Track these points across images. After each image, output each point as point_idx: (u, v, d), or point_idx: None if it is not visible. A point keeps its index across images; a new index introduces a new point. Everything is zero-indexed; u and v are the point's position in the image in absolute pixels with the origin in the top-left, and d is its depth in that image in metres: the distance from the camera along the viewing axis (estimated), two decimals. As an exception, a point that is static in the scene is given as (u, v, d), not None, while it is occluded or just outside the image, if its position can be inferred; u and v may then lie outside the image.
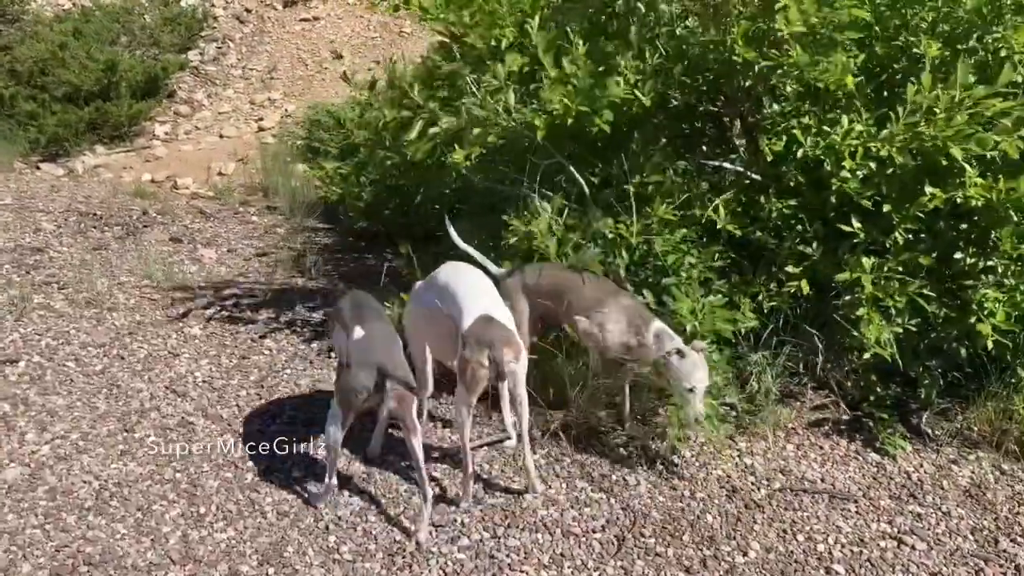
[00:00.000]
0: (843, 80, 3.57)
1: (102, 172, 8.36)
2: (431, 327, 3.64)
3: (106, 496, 3.57)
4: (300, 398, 4.24)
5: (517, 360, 3.31)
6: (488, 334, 3.27)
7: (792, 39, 3.53)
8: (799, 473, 3.62)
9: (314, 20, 10.46)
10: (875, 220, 3.74)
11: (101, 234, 6.36)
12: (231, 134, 9.00)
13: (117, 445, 3.88)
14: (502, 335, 3.29)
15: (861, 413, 3.89)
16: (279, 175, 7.49)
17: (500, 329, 3.31)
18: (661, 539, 3.28)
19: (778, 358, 3.89)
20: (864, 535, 3.27)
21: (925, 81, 3.34)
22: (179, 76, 10.00)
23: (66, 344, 4.71)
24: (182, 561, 3.22)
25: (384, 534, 3.32)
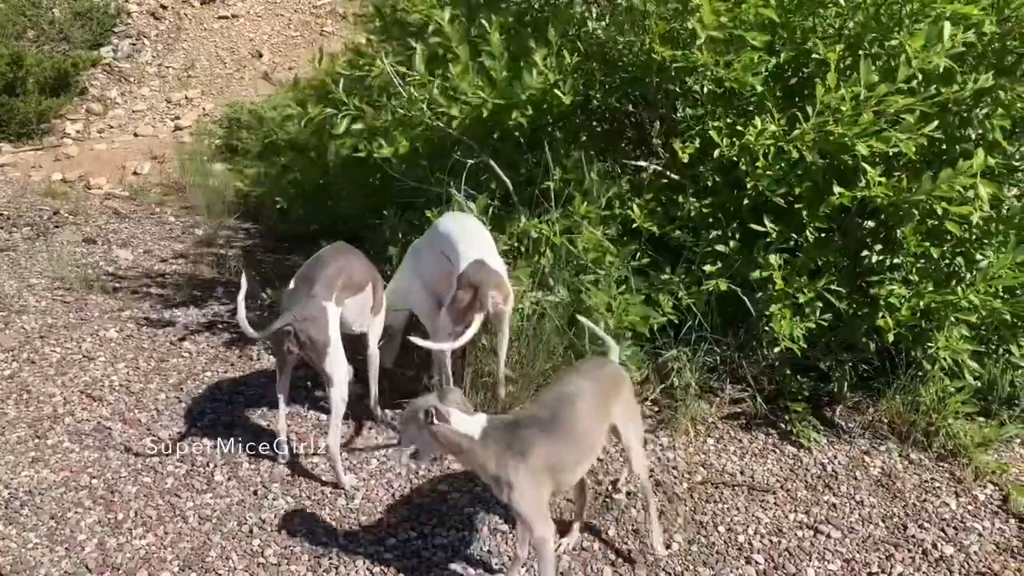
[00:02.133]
0: (746, 79, 3.67)
1: (9, 171, 8.05)
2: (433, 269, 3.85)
3: (16, 505, 3.45)
4: (221, 401, 4.16)
5: (505, 303, 3.59)
6: (479, 276, 3.55)
7: (703, 40, 3.62)
8: (719, 466, 3.71)
9: (233, 18, 10.26)
10: (788, 219, 3.87)
11: (8, 235, 6.13)
12: (146, 133, 8.77)
13: (28, 452, 3.75)
14: (493, 278, 3.55)
15: (777, 407, 4.01)
16: (197, 175, 7.33)
17: (491, 273, 3.57)
18: (587, 534, 3.32)
19: (697, 354, 3.98)
20: (782, 525, 3.37)
21: (831, 81, 3.46)
22: (91, 73, 9.70)
23: (-28, 349, 4.53)
24: (99, 569, 3.13)
25: (310, 536, 3.29)
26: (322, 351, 3.48)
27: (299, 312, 3.46)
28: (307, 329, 3.46)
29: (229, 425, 3.96)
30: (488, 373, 3.85)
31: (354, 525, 3.35)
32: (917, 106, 3.44)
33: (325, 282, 3.55)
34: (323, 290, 3.53)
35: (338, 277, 3.61)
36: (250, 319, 4.05)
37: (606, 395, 2.95)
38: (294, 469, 3.65)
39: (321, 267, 3.62)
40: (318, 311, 3.49)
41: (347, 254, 3.78)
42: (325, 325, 3.49)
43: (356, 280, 3.72)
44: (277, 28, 10.12)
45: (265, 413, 4.03)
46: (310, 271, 3.63)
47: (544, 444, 2.73)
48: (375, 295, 3.85)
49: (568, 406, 2.82)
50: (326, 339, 3.48)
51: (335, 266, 3.64)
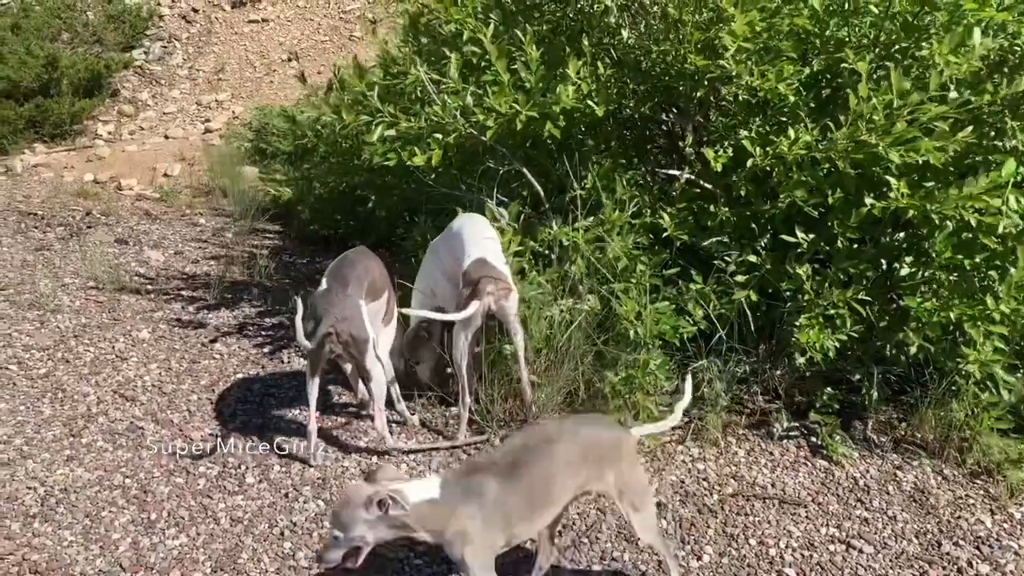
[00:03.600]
0: (780, 89, 3.66)
1: (42, 171, 8.15)
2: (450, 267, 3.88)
3: (52, 503, 3.49)
4: (252, 403, 4.19)
5: (507, 298, 3.64)
6: (479, 271, 3.63)
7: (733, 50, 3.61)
8: (750, 479, 3.69)
9: (263, 22, 10.34)
10: (819, 230, 3.85)
11: (43, 235, 6.21)
12: (177, 135, 8.85)
13: (63, 450, 3.80)
14: (491, 272, 3.64)
15: (808, 419, 3.98)
16: (227, 177, 7.39)
17: (491, 270, 3.65)
18: (617, 544, 3.31)
19: (727, 365, 3.96)
20: (814, 539, 3.35)
21: (862, 90, 3.45)
22: (123, 75, 9.81)
23: (8, 347, 4.59)
24: (132, 568, 3.16)
25: (340, 540, 3.30)
26: (363, 347, 3.55)
27: (339, 312, 3.52)
28: (348, 328, 3.52)
29: (260, 427, 3.98)
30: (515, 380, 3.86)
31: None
32: (951, 114, 3.42)
33: (356, 281, 3.64)
34: (356, 289, 3.61)
35: (365, 278, 3.70)
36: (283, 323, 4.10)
37: (593, 459, 2.74)
38: (324, 472, 3.67)
39: (350, 267, 3.71)
40: (355, 309, 3.56)
41: (371, 258, 3.88)
42: (363, 322, 3.57)
43: (376, 285, 3.79)
44: (307, 33, 10.19)
45: (296, 416, 4.05)
46: (341, 270, 3.70)
47: (498, 490, 2.59)
48: (388, 305, 3.89)
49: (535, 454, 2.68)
50: (366, 335, 3.56)
51: (362, 267, 3.74)
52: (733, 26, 3.56)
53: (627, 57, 4.15)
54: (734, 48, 3.58)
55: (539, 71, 3.81)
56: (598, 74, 3.88)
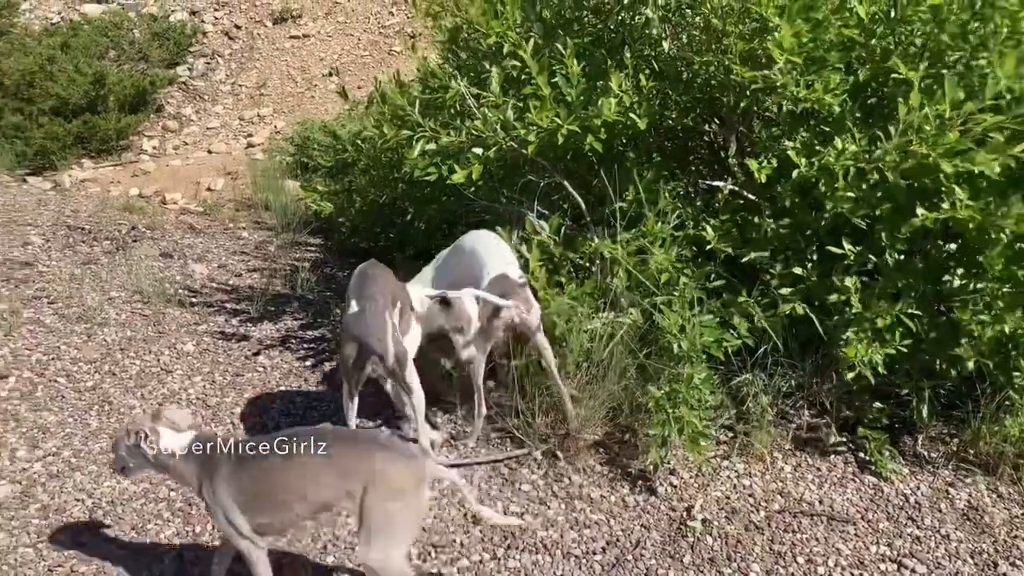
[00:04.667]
0: (827, 101, 3.61)
1: (89, 186, 8.30)
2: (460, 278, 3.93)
3: (99, 515, 3.53)
4: (295, 416, 4.21)
5: (529, 312, 3.72)
6: (501, 289, 3.68)
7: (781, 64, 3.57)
8: (797, 495, 3.63)
9: (304, 38, 10.46)
10: (867, 241, 3.78)
11: (90, 248, 6.31)
12: (220, 150, 8.97)
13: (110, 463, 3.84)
14: (514, 290, 3.69)
15: (855, 434, 3.90)
16: (269, 191, 7.47)
17: (512, 285, 3.71)
18: (661, 561, 3.27)
19: (772, 378, 3.90)
20: (864, 558, 3.28)
21: (914, 100, 3.38)
22: (167, 91, 9.97)
23: (57, 359, 4.66)
24: (178, 581, 3.18)
25: (383, 554, 3.29)
26: (404, 363, 3.55)
27: (380, 335, 3.49)
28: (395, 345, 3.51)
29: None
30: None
31: (427, 544, 3.35)
32: (1007, 124, 3.34)
33: (384, 298, 3.61)
34: (386, 306, 3.58)
35: (388, 292, 3.68)
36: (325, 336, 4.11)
37: (356, 475, 2.68)
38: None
39: (374, 283, 3.68)
40: (392, 329, 3.53)
41: (387, 270, 3.86)
42: (400, 338, 3.56)
43: (395, 297, 3.75)
44: (347, 48, 10.29)
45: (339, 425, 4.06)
46: (367, 289, 3.64)
47: (229, 473, 2.73)
48: (402, 316, 3.82)
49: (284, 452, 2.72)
50: (404, 350, 3.56)
51: (383, 281, 3.72)
52: (779, 35, 3.52)
53: (669, 68, 4.12)
54: (782, 61, 3.53)
55: (580, 85, 3.79)
56: (640, 86, 3.86)
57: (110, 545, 3.35)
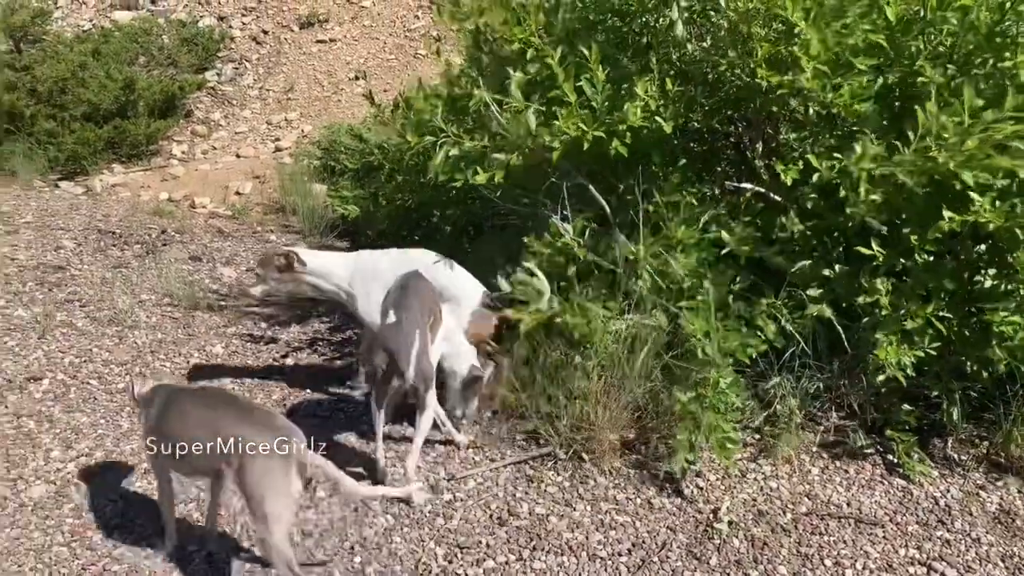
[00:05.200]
0: (854, 107, 3.58)
1: (120, 191, 8.41)
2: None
3: (131, 514, 3.58)
4: (322, 417, 4.24)
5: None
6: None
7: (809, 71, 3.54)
8: (824, 497, 3.61)
9: (331, 42, 10.54)
10: (896, 242, 3.75)
11: (121, 252, 6.40)
12: (248, 154, 9.06)
13: (141, 464, 3.89)
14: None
15: (884, 437, 3.87)
16: (296, 195, 7.53)
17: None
18: (688, 563, 3.26)
19: (800, 381, 3.88)
20: (892, 561, 3.25)
21: (930, 107, 3.35)
22: (196, 96, 10.09)
23: (89, 362, 4.73)
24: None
25: (409, 555, 3.32)
26: (428, 384, 3.55)
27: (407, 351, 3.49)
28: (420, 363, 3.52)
29: (330, 442, 4.03)
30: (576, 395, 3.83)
31: (453, 546, 3.37)
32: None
33: (421, 311, 3.63)
34: (422, 319, 3.61)
35: (425, 304, 3.70)
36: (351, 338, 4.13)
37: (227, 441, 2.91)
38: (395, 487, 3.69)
39: (414, 296, 3.69)
40: (425, 343, 3.55)
41: (424, 280, 3.89)
42: (428, 359, 3.57)
43: (428, 307, 3.77)
44: (373, 51, 10.35)
45: (365, 431, 4.08)
46: (406, 301, 3.66)
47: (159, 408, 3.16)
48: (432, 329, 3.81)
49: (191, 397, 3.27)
50: (431, 371, 3.58)
51: (422, 293, 3.75)
52: (807, 39, 3.49)
53: (694, 71, 4.11)
54: (810, 69, 3.50)
55: (605, 90, 3.78)
56: (665, 90, 3.84)
57: (142, 545, 3.40)
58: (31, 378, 4.54)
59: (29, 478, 3.79)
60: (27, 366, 4.66)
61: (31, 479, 3.78)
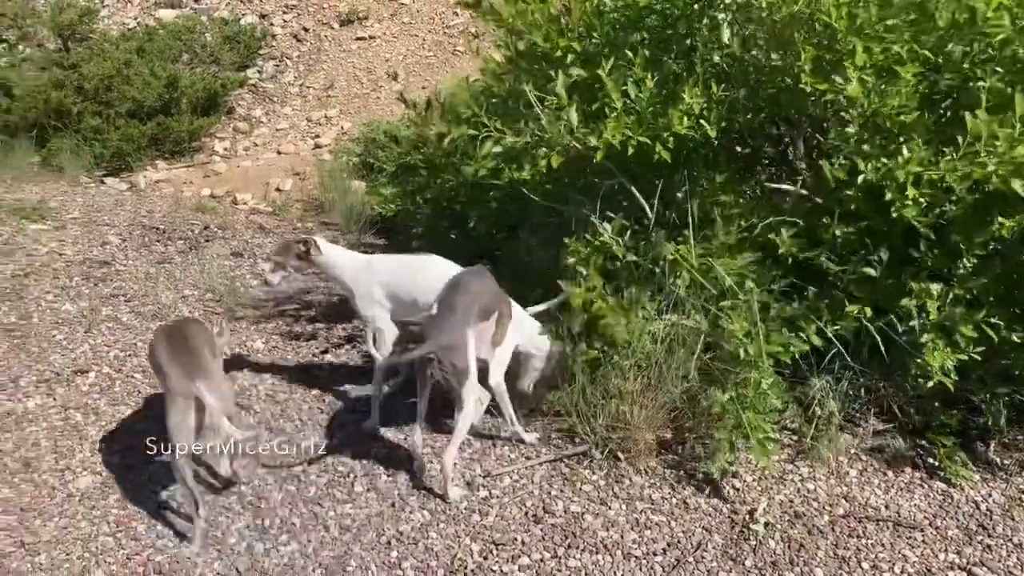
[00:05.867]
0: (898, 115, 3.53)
1: (163, 187, 8.55)
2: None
3: (173, 506, 3.65)
4: (361, 413, 4.29)
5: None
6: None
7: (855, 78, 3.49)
8: (862, 500, 3.58)
9: (370, 39, 10.60)
10: (941, 246, 3.70)
11: (164, 248, 6.51)
12: (288, 151, 9.15)
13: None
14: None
15: (924, 440, 3.83)
16: (336, 192, 7.59)
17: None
18: (723, 564, 3.26)
19: (839, 383, 3.85)
20: (931, 565, 3.22)
21: (980, 115, 3.31)
22: (238, 93, 10.21)
23: (133, 356, 4.83)
24: (248, 572, 3.29)
25: (445, 551, 3.36)
26: (462, 377, 3.55)
27: (445, 340, 3.53)
28: (450, 356, 3.53)
29: (368, 437, 4.08)
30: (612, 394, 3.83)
31: (488, 542, 3.40)
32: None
33: (465, 308, 3.62)
34: (464, 316, 3.59)
35: (475, 304, 3.67)
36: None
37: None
38: (431, 484, 3.72)
39: (461, 293, 3.69)
40: (460, 339, 3.55)
41: (483, 280, 3.85)
42: (466, 353, 3.56)
43: (485, 308, 3.75)
44: (412, 48, 10.40)
45: (402, 427, 4.12)
46: (451, 297, 3.69)
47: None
48: (498, 326, 3.84)
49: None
50: (467, 366, 3.56)
51: (473, 292, 3.71)
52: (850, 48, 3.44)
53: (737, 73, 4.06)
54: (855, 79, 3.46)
55: (650, 96, 3.75)
56: (711, 95, 3.81)
57: (184, 536, 3.47)
58: (78, 371, 4.65)
59: (76, 469, 3.88)
60: (74, 359, 4.77)
61: (78, 470, 3.88)
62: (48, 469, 3.88)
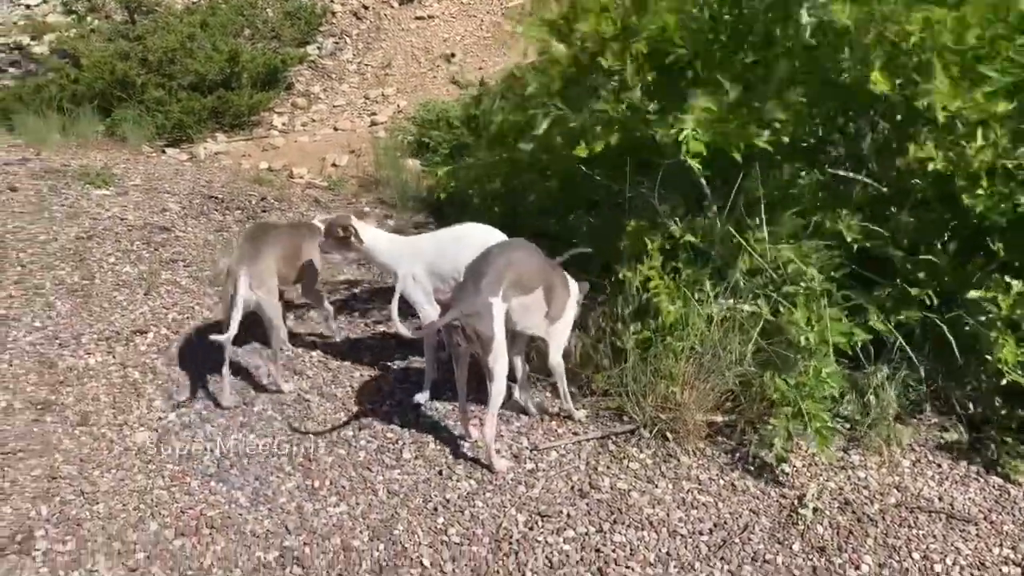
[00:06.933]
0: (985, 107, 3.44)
1: (222, 159, 8.68)
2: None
3: (227, 464, 3.73)
4: (411, 383, 4.32)
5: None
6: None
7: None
8: (915, 491, 3.52)
9: (429, 19, 10.65)
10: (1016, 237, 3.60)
11: (223, 217, 6.62)
12: (345, 127, 9.23)
13: (237, 417, 4.05)
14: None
15: (983, 435, 3.75)
16: (390, 169, 7.64)
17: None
18: (770, 546, 3.23)
19: (897, 373, 3.78)
20: (985, 559, 3.16)
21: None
22: (297, 69, 10.32)
23: (191, 319, 4.93)
24: (297, 531, 3.34)
25: (491, 520, 3.38)
26: (487, 346, 3.50)
27: (465, 307, 3.50)
28: (473, 324, 3.48)
29: (417, 406, 4.11)
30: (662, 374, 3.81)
31: (534, 513, 3.41)
32: None
33: (493, 277, 3.53)
34: (490, 285, 3.51)
35: (506, 273, 3.56)
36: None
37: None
38: (477, 454, 3.75)
39: (490, 262, 3.60)
40: (483, 307, 3.49)
41: (519, 251, 3.72)
42: (490, 320, 3.49)
43: (524, 281, 3.64)
44: (470, 29, 10.41)
45: (451, 397, 4.14)
46: (479, 265, 3.62)
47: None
48: (550, 301, 3.77)
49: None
50: (491, 334, 3.49)
51: (504, 261, 3.60)
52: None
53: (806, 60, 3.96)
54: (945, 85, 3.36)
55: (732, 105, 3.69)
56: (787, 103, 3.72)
57: (236, 493, 3.54)
58: (137, 331, 4.75)
59: (133, 424, 3.98)
60: (133, 320, 4.88)
61: (135, 425, 3.97)
62: (107, 423, 3.99)
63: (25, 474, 3.63)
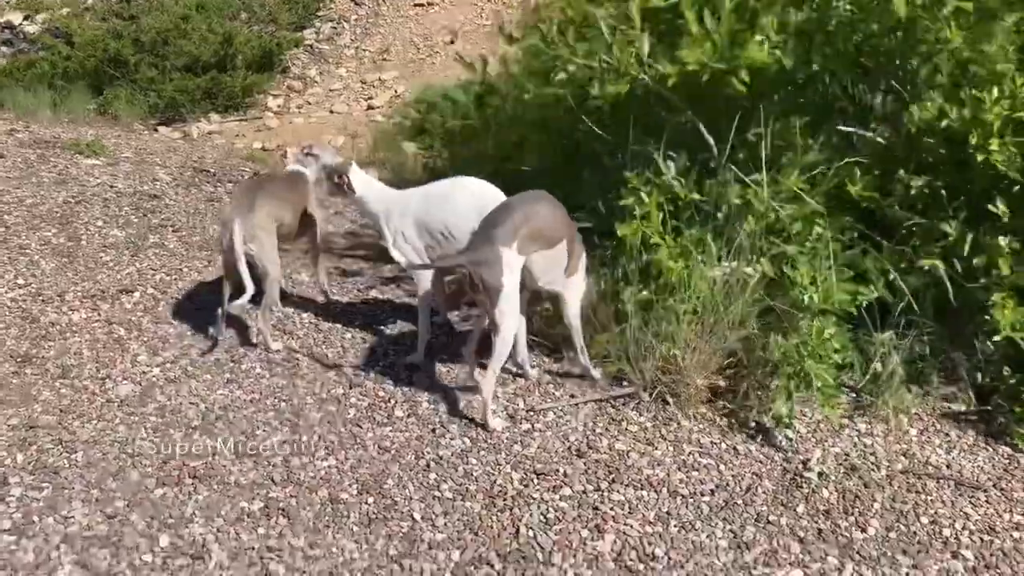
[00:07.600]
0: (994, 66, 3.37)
1: (215, 138, 8.59)
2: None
3: (212, 418, 3.61)
4: (403, 346, 4.21)
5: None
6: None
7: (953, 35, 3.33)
8: (923, 458, 3.42)
9: (428, 6, 10.58)
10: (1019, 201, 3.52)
11: (214, 188, 6.51)
12: (341, 110, 9.15)
13: (224, 373, 3.93)
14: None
15: (990, 402, 3.65)
16: (388, 150, 7.55)
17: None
18: (773, 508, 3.12)
19: (904, 340, 3.68)
20: (995, 524, 3.06)
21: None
22: (293, 53, 10.24)
23: (179, 280, 4.81)
24: (283, 483, 3.22)
25: (485, 476, 3.26)
26: (494, 297, 3.39)
27: (474, 255, 3.41)
28: (481, 272, 3.38)
29: (410, 367, 3.99)
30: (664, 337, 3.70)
31: (529, 471, 3.29)
32: None
33: (507, 228, 3.42)
34: (503, 235, 3.40)
35: (523, 225, 3.45)
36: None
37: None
38: (472, 413, 3.63)
39: (507, 213, 3.50)
40: (493, 255, 3.38)
41: (539, 203, 3.61)
42: (500, 271, 3.38)
43: (546, 233, 3.54)
44: (470, 16, 10.36)
45: (446, 360, 4.04)
46: (496, 215, 3.53)
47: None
48: (570, 257, 3.68)
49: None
50: (498, 285, 3.38)
51: (521, 213, 3.49)
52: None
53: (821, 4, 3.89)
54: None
55: (729, 20, 3.61)
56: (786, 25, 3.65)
57: (220, 445, 3.41)
58: (123, 290, 4.63)
59: (116, 378, 3.86)
60: (120, 279, 4.76)
61: (118, 379, 3.85)
62: (89, 376, 3.86)
63: (1, 424, 3.50)
